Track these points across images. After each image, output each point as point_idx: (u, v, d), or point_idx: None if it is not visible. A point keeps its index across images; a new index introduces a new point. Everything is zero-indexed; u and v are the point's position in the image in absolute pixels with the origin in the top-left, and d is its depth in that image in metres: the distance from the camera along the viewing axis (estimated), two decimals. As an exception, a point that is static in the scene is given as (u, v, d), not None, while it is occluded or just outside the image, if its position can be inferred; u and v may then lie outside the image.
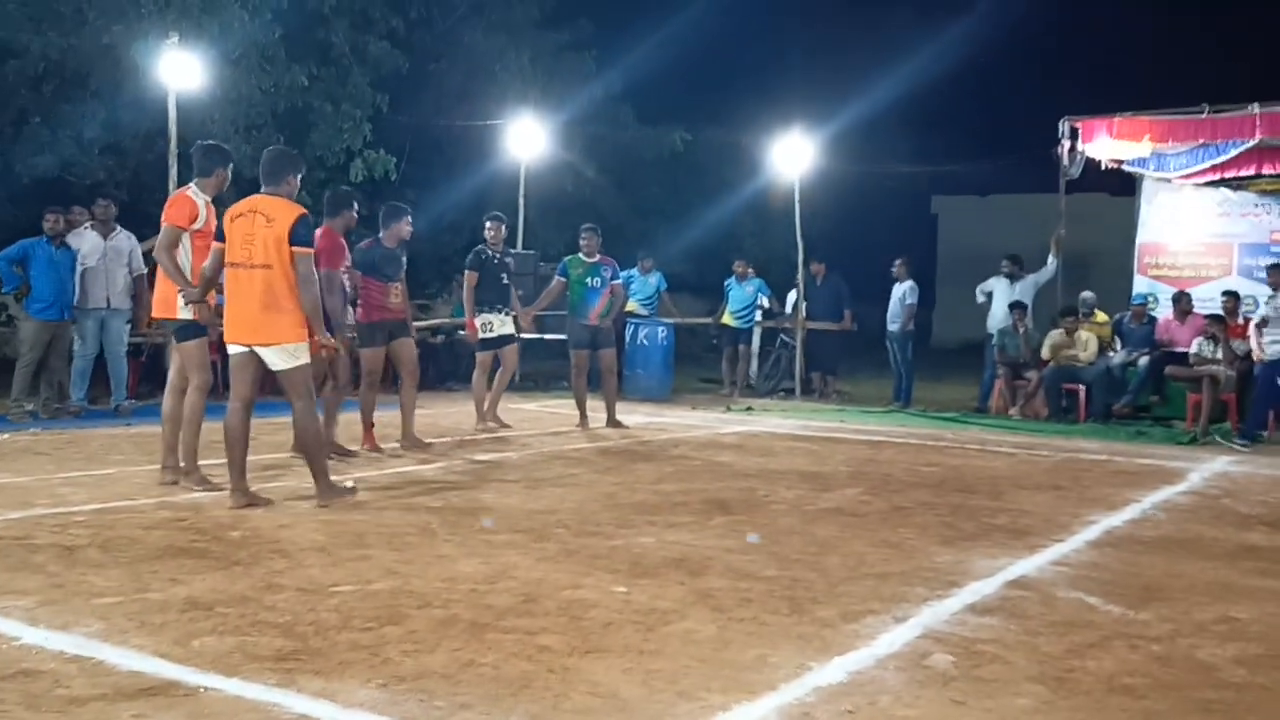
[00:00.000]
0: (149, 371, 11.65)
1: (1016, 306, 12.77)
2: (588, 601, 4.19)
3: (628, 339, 13.79)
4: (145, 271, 10.51)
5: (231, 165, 6.63)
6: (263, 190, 6.01)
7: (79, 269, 9.97)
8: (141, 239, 10.59)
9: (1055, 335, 12.45)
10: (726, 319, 14.88)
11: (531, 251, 15.00)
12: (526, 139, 15.15)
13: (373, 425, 8.46)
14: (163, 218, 6.43)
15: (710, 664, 3.51)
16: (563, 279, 10.37)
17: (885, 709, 3.17)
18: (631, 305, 13.99)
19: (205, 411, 6.49)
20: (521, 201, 15.29)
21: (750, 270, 15.01)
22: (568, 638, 3.73)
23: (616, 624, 3.91)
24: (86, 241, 10.04)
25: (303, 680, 3.26)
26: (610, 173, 20.72)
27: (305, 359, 5.97)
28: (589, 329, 10.32)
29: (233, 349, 5.98)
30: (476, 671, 3.37)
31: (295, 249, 5.79)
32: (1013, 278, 13.20)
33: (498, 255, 9.96)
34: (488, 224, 10.09)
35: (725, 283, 15.08)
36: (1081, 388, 12.19)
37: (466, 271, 9.82)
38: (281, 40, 13.91)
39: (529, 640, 3.68)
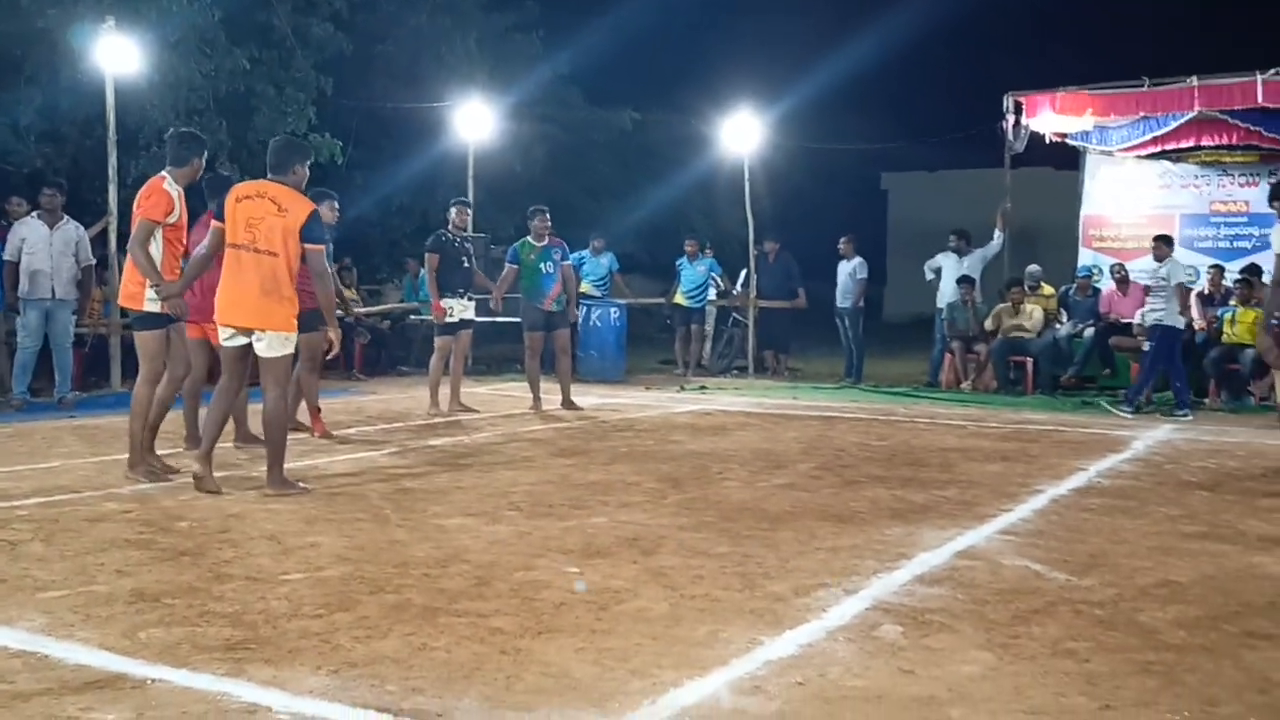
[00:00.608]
0: (93, 363, 11.45)
1: (964, 281, 12.91)
2: (540, 583, 4.20)
3: (580, 320, 13.77)
4: (94, 262, 10.35)
5: (206, 154, 6.52)
6: (270, 177, 5.99)
7: (24, 259, 9.75)
8: (86, 227, 10.41)
9: (1001, 308, 12.61)
10: (679, 299, 14.89)
11: (483, 235, 14.92)
12: (475, 121, 15.03)
13: (320, 410, 8.39)
14: (136, 209, 6.32)
15: (662, 641, 3.53)
16: (514, 265, 10.33)
17: (835, 680, 3.20)
18: (584, 286, 13.97)
19: (151, 402, 6.42)
20: (471, 184, 15.19)
21: (701, 250, 15.02)
22: (520, 619, 3.73)
23: (569, 604, 3.92)
24: (33, 231, 9.82)
25: (252, 669, 3.23)
26: (560, 154, 20.63)
27: (291, 350, 6.01)
28: (544, 312, 10.32)
29: (227, 335, 5.95)
30: (429, 655, 3.36)
31: (308, 246, 5.83)
32: (960, 252, 13.33)
33: (459, 239, 9.96)
34: (453, 208, 10.09)
35: (677, 262, 15.08)
36: (1029, 360, 12.37)
37: (428, 254, 9.80)
38: (221, 23, 13.66)
39: (481, 623, 3.68)
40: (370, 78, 17.29)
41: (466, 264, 9.95)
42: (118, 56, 11.03)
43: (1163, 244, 10.80)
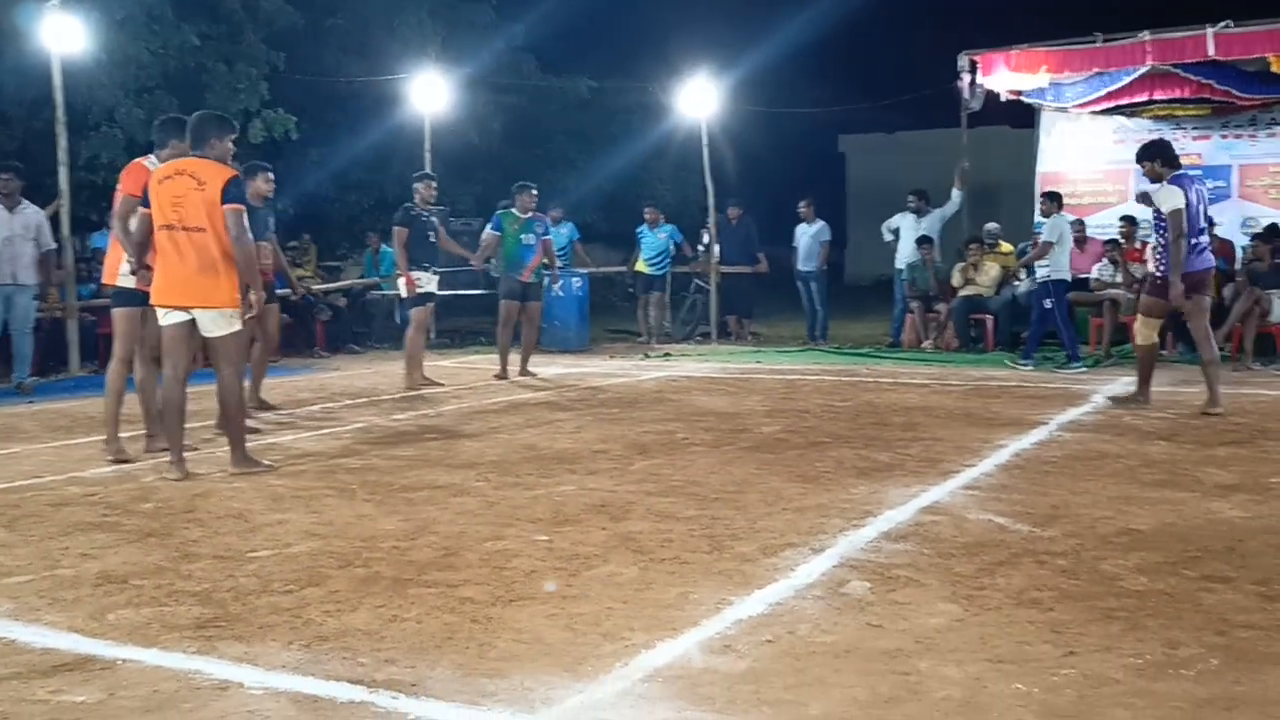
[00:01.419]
0: (50, 348, 11.29)
1: (924, 241, 12.99)
2: (510, 551, 4.21)
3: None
4: (54, 246, 10.20)
5: (188, 138, 6.24)
6: (191, 154, 5.87)
7: None
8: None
9: (960, 266, 12.71)
10: (640, 266, 14.88)
11: (442, 207, 14.80)
12: (430, 93, 14.89)
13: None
14: (119, 187, 6.31)
15: (633, 604, 3.56)
16: (496, 233, 10.56)
17: (804, 636, 3.25)
18: (546, 257, 13.92)
19: (126, 381, 6.44)
20: (428, 156, 15.07)
21: (661, 217, 15.01)
22: (490, 588, 3.74)
23: (539, 572, 3.94)
24: None
25: (223, 646, 3.23)
26: (517, 124, 20.47)
27: (239, 325, 5.89)
28: (520, 283, 10.50)
29: (167, 317, 5.82)
30: (400, 627, 3.37)
31: (226, 206, 5.68)
32: (919, 213, 13.40)
33: (426, 214, 10.01)
34: (419, 183, 10.15)
35: (637, 230, 15.06)
36: (989, 318, 12.48)
37: (396, 228, 9.80)
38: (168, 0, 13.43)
39: (451, 593, 3.69)
40: (322, 51, 17.04)
41: (432, 238, 10.01)
42: (63, 36, 10.81)
43: (1049, 201, 11.06)
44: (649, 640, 3.22)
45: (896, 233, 13.58)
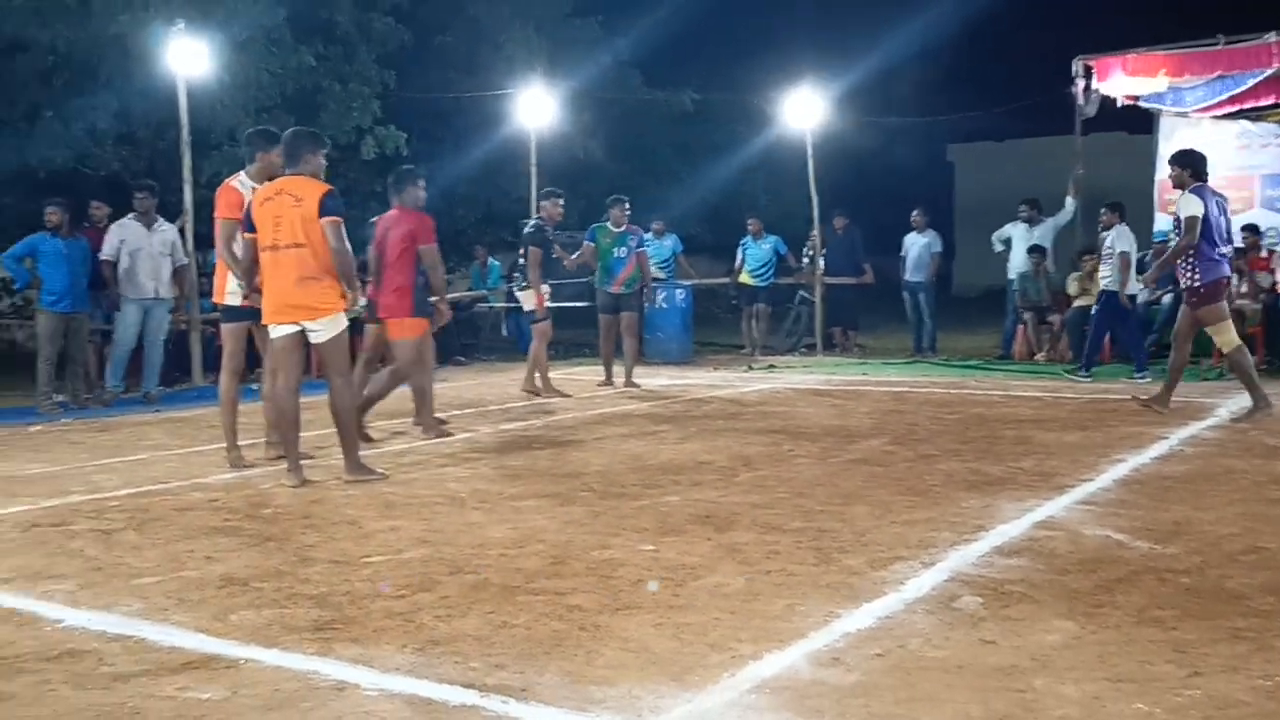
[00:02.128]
0: (175, 359, 11.73)
1: (1036, 250, 12.70)
2: (616, 561, 4.23)
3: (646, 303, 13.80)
4: (186, 262, 10.65)
5: (277, 147, 6.37)
6: (286, 172, 6.02)
7: (123, 259, 10.02)
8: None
9: (1075, 275, 12.37)
10: (744, 278, 14.85)
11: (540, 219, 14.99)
12: (536, 108, 15.10)
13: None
14: (215, 213, 6.51)
15: (739, 615, 3.55)
16: (591, 244, 10.78)
17: (915, 651, 3.20)
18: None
19: (239, 391, 6.72)
20: (533, 171, 15.27)
21: (763, 228, 14.95)
22: (598, 596, 3.77)
23: (646, 581, 3.95)
24: (131, 232, 10.09)
25: (340, 648, 3.31)
26: (620, 137, 20.62)
27: (344, 328, 6.03)
28: (613, 295, 10.71)
29: (276, 332, 6.00)
30: (509, 633, 3.42)
31: (325, 220, 5.81)
32: (1031, 222, 13.10)
33: (552, 231, 10.33)
34: (545, 202, 10.40)
35: (741, 242, 15.02)
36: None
37: (531, 246, 9.98)
38: (287, 22, 13.88)
39: (559, 600, 3.73)
40: (431, 69, 17.43)
41: (555, 255, 10.30)
42: (188, 58, 11.28)
43: (1111, 213, 10.86)
44: (756, 651, 3.21)
45: (1008, 242, 13.29)
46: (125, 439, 8.02)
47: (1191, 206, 7.66)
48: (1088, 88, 13.14)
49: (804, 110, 14.77)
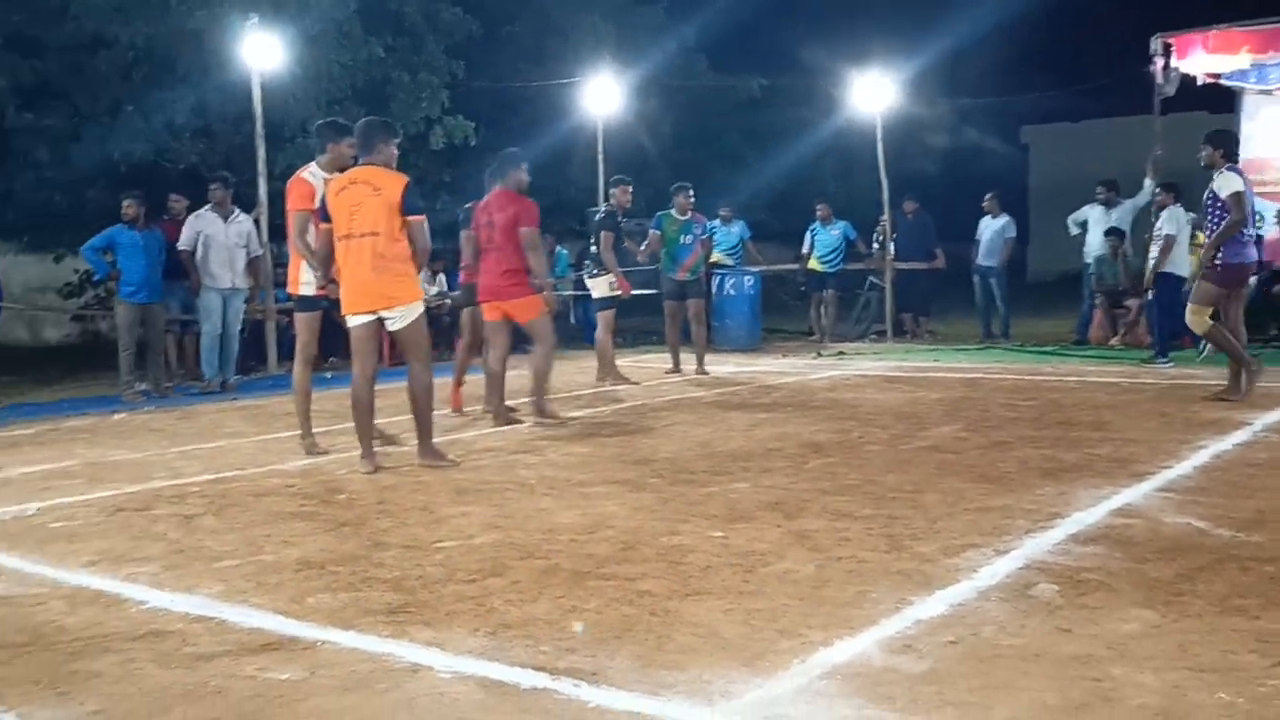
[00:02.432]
0: (250, 349, 11.98)
1: (1113, 233, 12.43)
2: (685, 547, 4.24)
3: (715, 289, 13.77)
4: (260, 253, 10.85)
5: (348, 138, 6.46)
6: (359, 162, 6.09)
7: (200, 251, 10.24)
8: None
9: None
10: (813, 264, 14.75)
11: (608, 205, 15.02)
12: (603, 96, 15.12)
13: (462, 385, 8.61)
14: (286, 204, 6.60)
15: (810, 602, 3.53)
16: (657, 232, 10.77)
17: (989, 639, 3.16)
18: (716, 256, 13.95)
19: (311, 380, 6.82)
20: (600, 158, 15.30)
21: (832, 213, 14.84)
22: (667, 582, 3.78)
23: (715, 567, 3.95)
24: (209, 224, 10.31)
25: (414, 631, 3.36)
26: (686, 124, 20.56)
27: (421, 313, 6.11)
28: (679, 282, 10.75)
29: (354, 321, 6.08)
30: (580, 617, 3.44)
31: (409, 219, 5.92)
32: (1108, 204, 12.83)
33: (624, 218, 10.41)
34: (615, 189, 10.44)
35: (810, 227, 14.91)
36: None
37: (604, 232, 10.06)
38: (357, 14, 14.07)
39: (629, 586, 3.74)
40: (499, 58, 17.54)
41: (624, 242, 10.36)
42: (262, 52, 11.49)
43: (1166, 193, 10.76)
44: (827, 638, 3.19)
45: (1084, 225, 13.02)
46: (204, 426, 8.22)
47: (1233, 183, 7.73)
48: (1167, 66, 12.76)
49: (873, 93, 14.60)
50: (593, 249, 10.41)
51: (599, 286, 10.14)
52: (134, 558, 4.35)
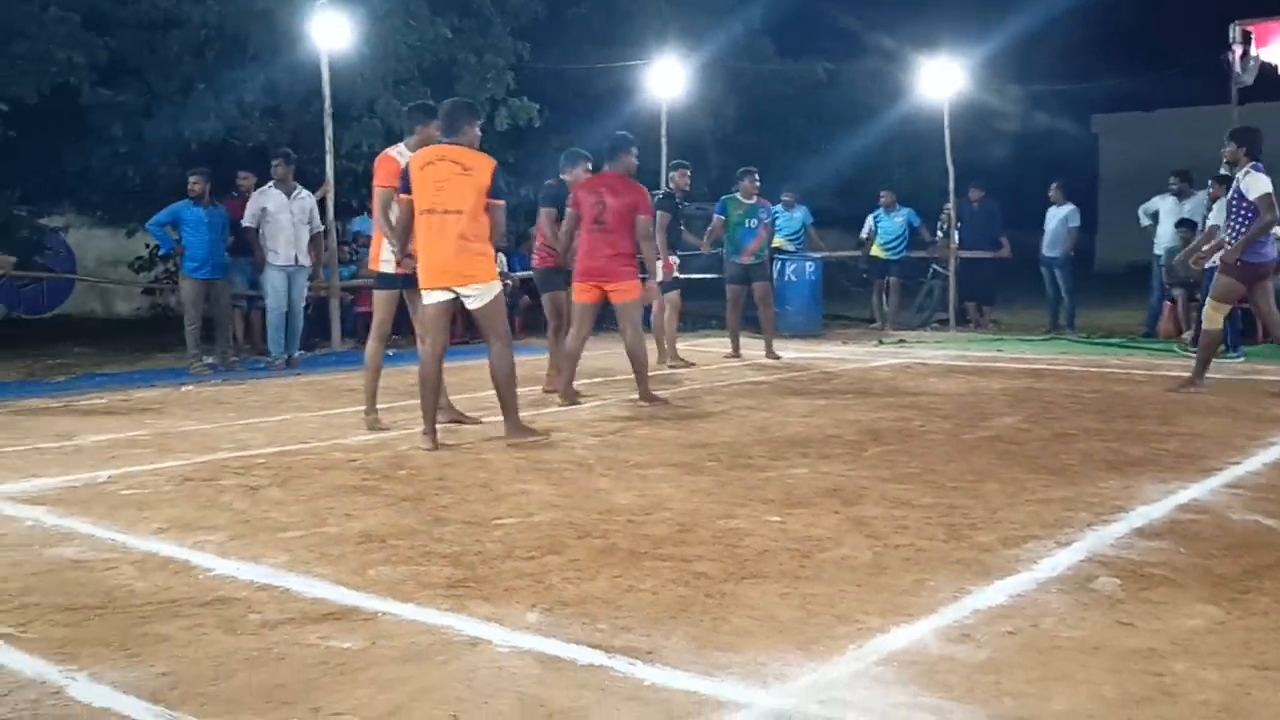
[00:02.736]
0: (314, 325, 12.17)
1: (1185, 225, 12.15)
2: (742, 530, 4.24)
3: (776, 275, 13.70)
4: (322, 229, 10.99)
5: (435, 120, 6.47)
6: (444, 140, 6.16)
7: (264, 227, 10.40)
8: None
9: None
10: (876, 251, 14.62)
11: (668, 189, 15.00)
12: (667, 78, 15.09)
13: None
14: (374, 182, 6.69)
15: (866, 588, 3.52)
16: (721, 217, 10.76)
17: (1048, 630, 3.13)
18: (778, 241, 13.86)
19: (383, 357, 6.89)
20: (664, 142, 15.28)
21: (896, 201, 14.69)
22: (724, 564, 3.79)
23: (772, 551, 3.95)
24: (272, 200, 10.45)
25: (472, 605, 3.41)
26: (751, 108, 20.44)
27: (499, 292, 6.18)
28: (742, 266, 10.74)
29: (430, 297, 6.15)
30: (636, 597, 3.46)
31: (495, 201, 6.04)
32: (1181, 195, 12.55)
33: (682, 201, 10.48)
34: (674, 173, 10.59)
35: (873, 214, 14.78)
36: (1259, 307, 11.54)
37: (660, 213, 9.96)
38: (424, -5, 14.16)
39: (686, 567, 3.76)
40: (564, 40, 17.55)
41: (682, 225, 10.39)
42: (331, 32, 11.62)
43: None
44: (883, 624, 3.19)
45: (1155, 216, 12.76)
46: (269, 400, 8.37)
47: (1262, 184, 7.64)
48: (1245, 54, 12.44)
49: (941, 79, 14.42)
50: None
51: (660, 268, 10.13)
52: (202, 526, 4.45)
